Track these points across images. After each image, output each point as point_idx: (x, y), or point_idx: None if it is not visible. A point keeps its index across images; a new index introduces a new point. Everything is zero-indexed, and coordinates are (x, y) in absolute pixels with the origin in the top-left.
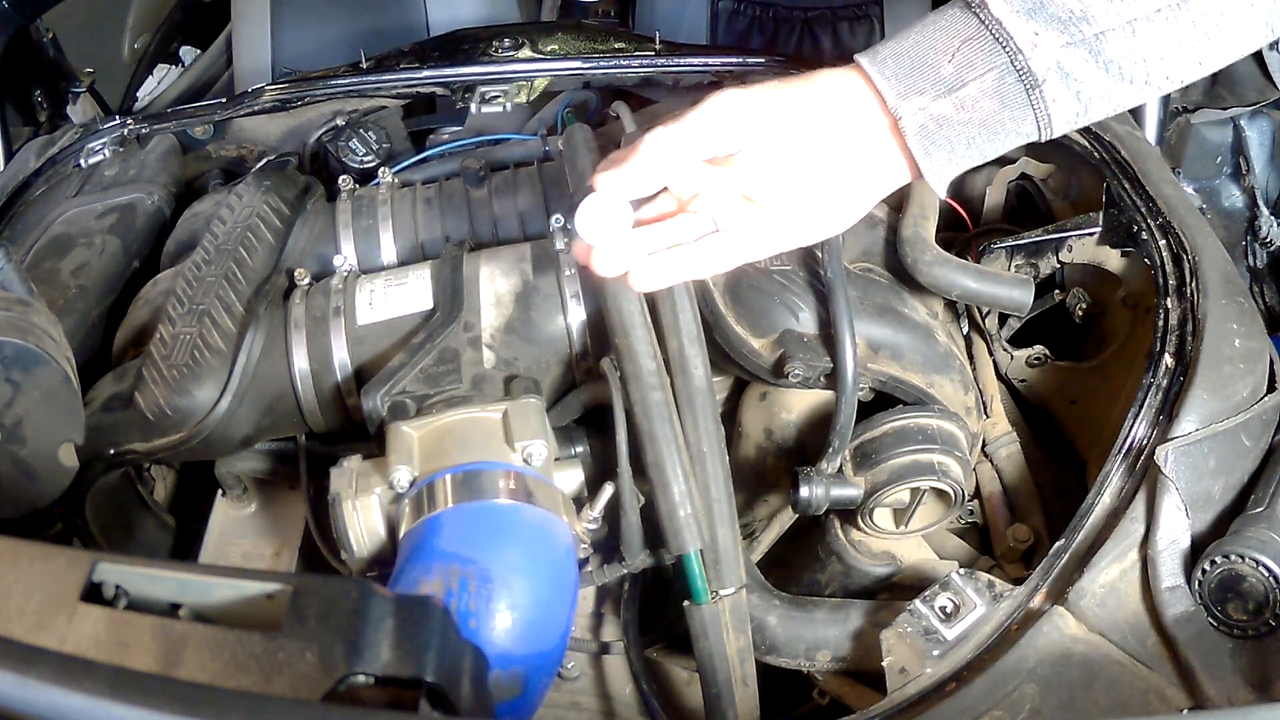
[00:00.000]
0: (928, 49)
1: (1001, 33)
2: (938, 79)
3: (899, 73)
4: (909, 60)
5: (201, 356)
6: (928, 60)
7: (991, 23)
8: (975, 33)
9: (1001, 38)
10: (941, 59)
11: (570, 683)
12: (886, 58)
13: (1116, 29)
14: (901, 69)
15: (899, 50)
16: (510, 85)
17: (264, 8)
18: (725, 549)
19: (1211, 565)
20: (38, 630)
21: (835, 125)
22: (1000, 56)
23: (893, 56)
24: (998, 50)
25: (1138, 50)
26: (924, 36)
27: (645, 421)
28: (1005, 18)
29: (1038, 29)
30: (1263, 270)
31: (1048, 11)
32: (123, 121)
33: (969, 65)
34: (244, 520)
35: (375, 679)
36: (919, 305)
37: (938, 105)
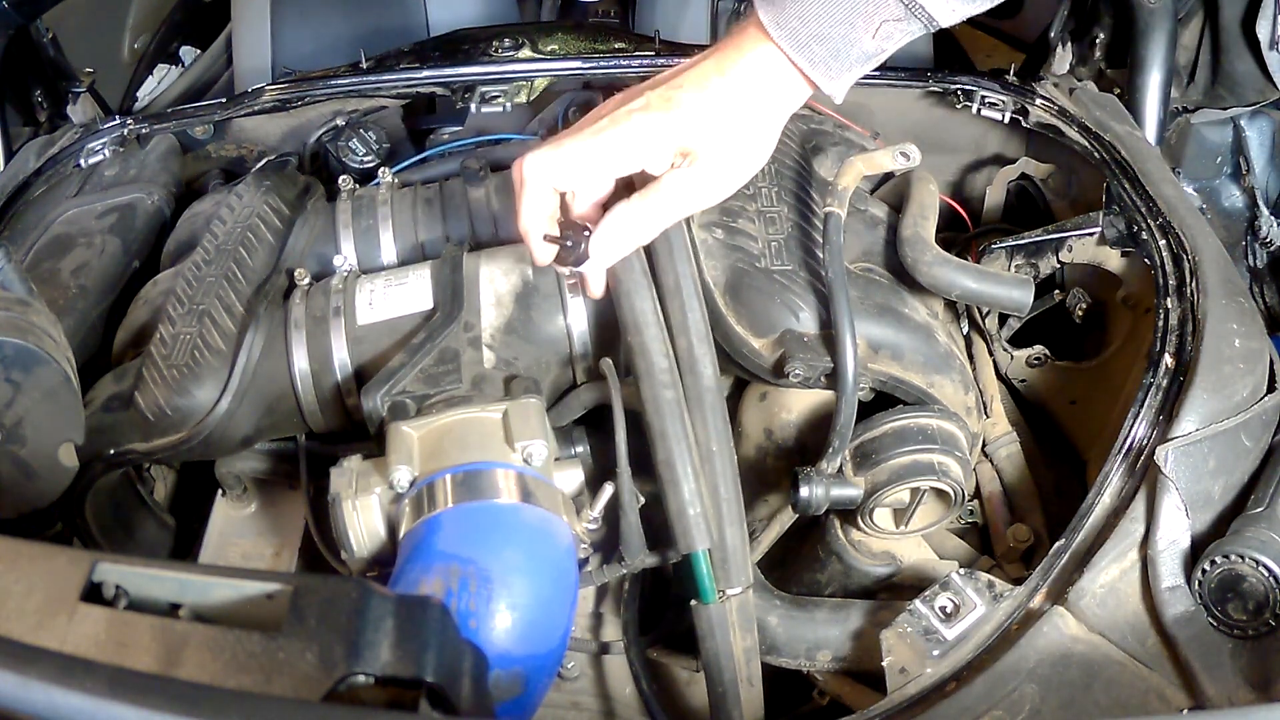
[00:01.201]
0: (849, 28)
1: (924, 14)
2: (861, 53)
3: (826, 57)
4: (834, 43)
5: (201, 356)
6: (851, 39)
7: (915, 7)
8: (898, 15)
9: (922, 15)
10: (863, 36)
11: (570, 683)
12: (810, 42)
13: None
14: (828, 52)
15: (822, 32)
16: (510, 85)
17: (264, 8)
18: (733, 548)
19: (1211, 565)
20: (38, 630)
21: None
22: (915, 24)
23: (817, 40)
24: (914, 21)
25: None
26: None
27: (656, 419)
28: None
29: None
30: (1263, 270)
31: None
32: (123, 121)
33: (888, 37)
34: (244, 520)
35: (375, 679)
36: (919, 305)
37: (861, 70)
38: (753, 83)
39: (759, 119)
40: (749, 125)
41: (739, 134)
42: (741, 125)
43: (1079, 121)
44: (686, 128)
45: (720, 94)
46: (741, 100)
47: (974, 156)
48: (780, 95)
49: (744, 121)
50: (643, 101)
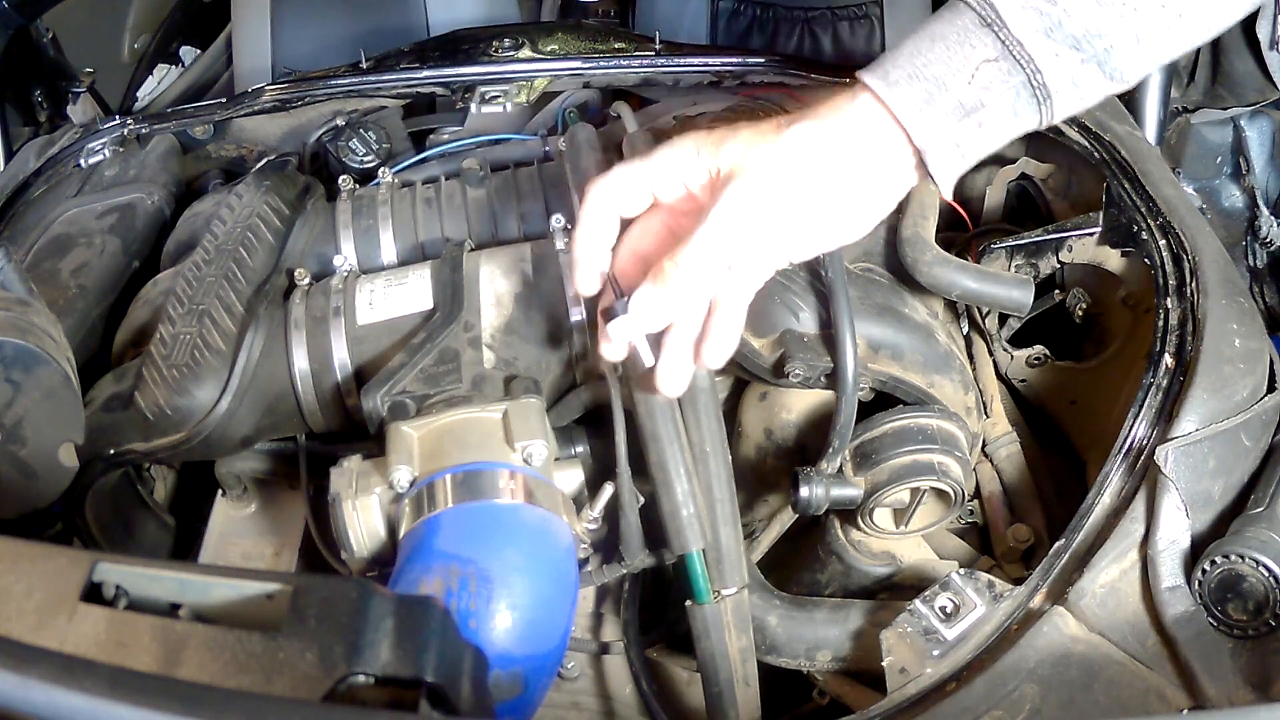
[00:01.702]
0: (944, 69)
1: (1023, 54)
2: (958, 104)
3: (918, 99)
4: (927, 83)
5: (201, 356)
6: (946, 82)
7: (1013, 44)
8: (996, 54)
9: (1023, 59)
10: (959, 80)
11: (570, 683)
12: (900, 80)
13: (1124, 42)
14: (919, 94)
15: (914, 71)
16: (510, 85)
17: (264, 8)
18: (728, 548)
19: (1211, 565)
20: (38, 630)
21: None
22: (1019, 75)
23: (907, 79)
24: (1017, 69)
25: (1140, 58)
26: (938, 53)
27: (648, 421)
28: (1027, 39)
29: (1057, 50)
30: (1263, 270)
31: (1064, 30)
32: (123, 121)
33: (988, 86)
34: (244, 520)
35: (375, 679)
36: (919, 305)
37: (960, 130)
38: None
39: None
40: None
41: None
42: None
43: (1079, 121)
44: (724, 144)
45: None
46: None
47: None
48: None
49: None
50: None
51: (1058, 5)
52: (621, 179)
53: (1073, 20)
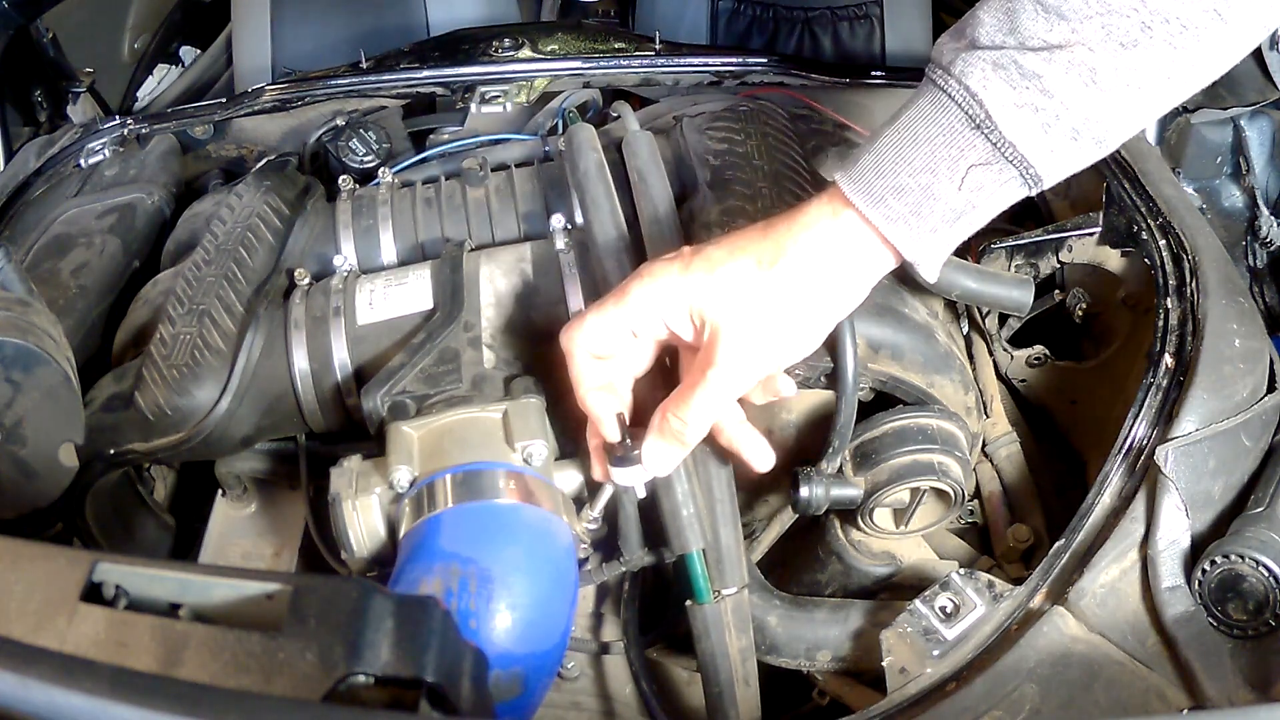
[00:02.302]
0: (930, 178)
1: (1016, 155)
2: (947, 210)
3: (905, 214)
4: (914, 195)
5: (201, 356)
6: (933, 191)
7: (1005, 146)
8: (987, 159)
9: (1016, 160)
10: (948, 188)
11: (570, 683)
12: (886, 196)
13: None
14: (908, 208)
15: (899, 183)
16: (510, 85)
17: (264, 8)
18: (727, 548)
19: (1211, 565)
20: (38, 630)
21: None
22: (1010, 172)
23: (893, 194)
24: (1009, 169)
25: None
26: (922, 159)
27: None
28: (1020, 140)
29: (1053, 145)
30: (1263, 270)
31: (1062, 123)
32: (123, 121)
33: (978, 188)
34: (244, 520)
35: (375, 679)
36: (919, 305)
37: (950, 234)
38: (820, 252)
39: (823, 292)
40: (806, 301)
41: (769, 309)
42: (794, 303)
43: None
44: (703, 289)
45: (759, 254)
46: (803, 274)
47: None
48: (855, 263)
49: (799, 298)
50: (674, 255)
51: (1054, 99)
52: (596, 327)
53: (1072, 112)
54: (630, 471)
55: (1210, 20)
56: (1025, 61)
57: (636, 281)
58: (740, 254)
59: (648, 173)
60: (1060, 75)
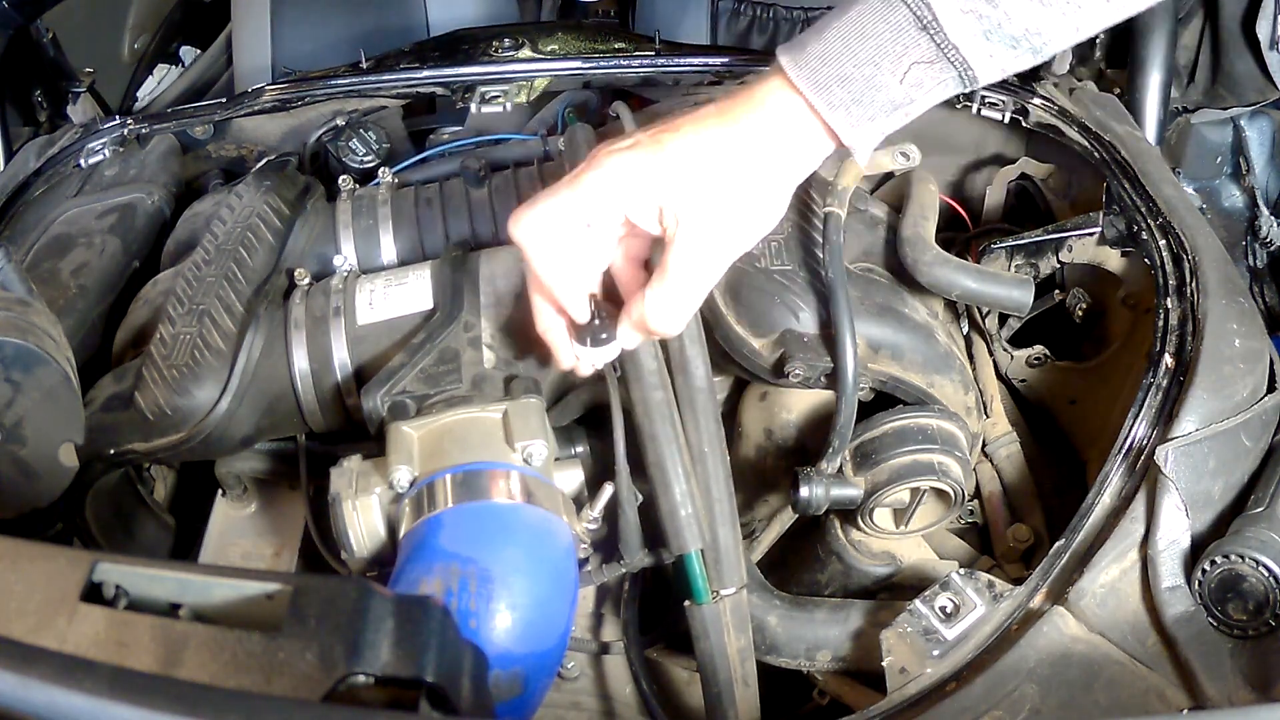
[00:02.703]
0: (874, 70)
1: (957, 57)
2: (887, 101)
3: (848, 100)
4: (857, 85)
5: (201, 356)
6: (876, 82)
7: (949, 48)
8: (930, 57)
9: (957, 61)
10: (890, 80)
11: (570, 683)
12: (831, 83)
13: (1063, 33)
14: (850, 95)
15: (844, 72)
16: (510, 85)
17: (264, 8)
18: (726, 549)
19: (1211, 565)
20: (38, 630)
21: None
22: (950, 72)
23: (839, 81)
24: (949, 68)
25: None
26: (868, 51)
27: (646, 422)
28: (963, 44)
29: (992, 50)
30: (1263, 270)
31: (1003, 31)
32: (123, 121)
33: (918, 84)
34: (244, 520)
35: (375, 679)
36: (919, 305)
37: (887, 122)
38: (759, 130)
39: (763, 172)
40: (749, 184)
41: (734, 193)
42: (739, 183)
43: (1079, 121)
44: (668, 178)
45: (716, 141)
46: (742, 149)
47: (974, 156)
48: (793, 146)
49: (743, 179)
50: (629, 142)
51: (998, 8)
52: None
53: (1013, 22)
54: (603, 350)
55: None
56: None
57: (591, 169)
58: (695, 137)
59: None
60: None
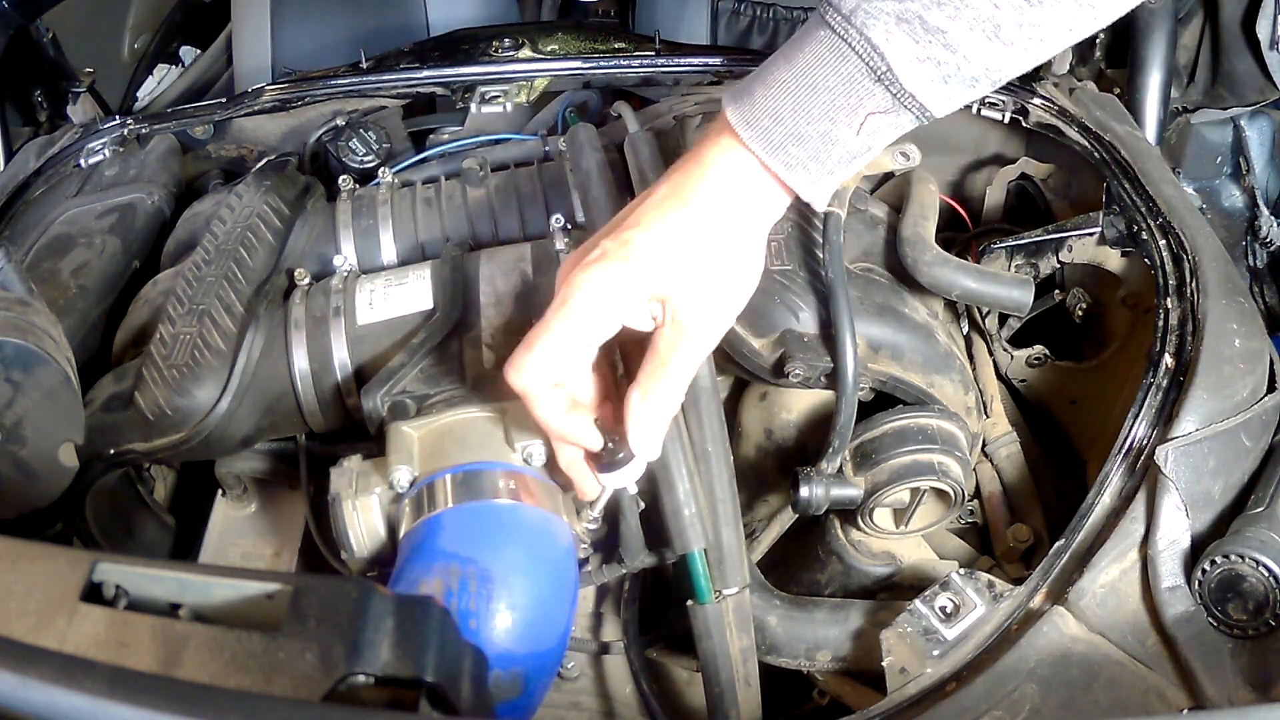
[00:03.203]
0: (829, 125)
1: (915, 104)
2: (845, 153)
3: (805, 159)
4: (813, 143)
5: (201, 356)
6: (831, 136)
7: (906, 97)
8: (886, 107)
9: (914, 108)
10: (846, 133)
11: (570, 683)
12: (786, 143)
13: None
14: (807, 154)
15: (797, 131)
16: (510, 85)
17: (264, 8)
18: (729, 548)
19: (1211, 565)
20: (38, 630)
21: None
22: (907, 116)
23: (793, 141)
24: (906, 114)
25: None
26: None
27: None
28: (920, 91)
29: (952, 94)
30: (1263, 270)
31: (962, 74)
32: (123, 121)
33: (876, 132)
34: (244, 520)
35: (375, 679)
36: (919, 305)
37: (846, 171)
38: (722, 202)
39: (734, 242)
40: (724, 253)
41: (714, 267)
42: (715, 256)
43: (1079, 121)
44: (651, 276)
45: (684, 226)
46: (710, 227)
47: (974, 156)
48: (756, 208)
49: (717, 251)
50: (598, 253)
51: (957, 52)
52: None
53: (972, 64)
54: (626, 470)
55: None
56: (929, 17)
57: (575, 294)
58: (660, 225)
59: (649, 173)
60: (965, 31)
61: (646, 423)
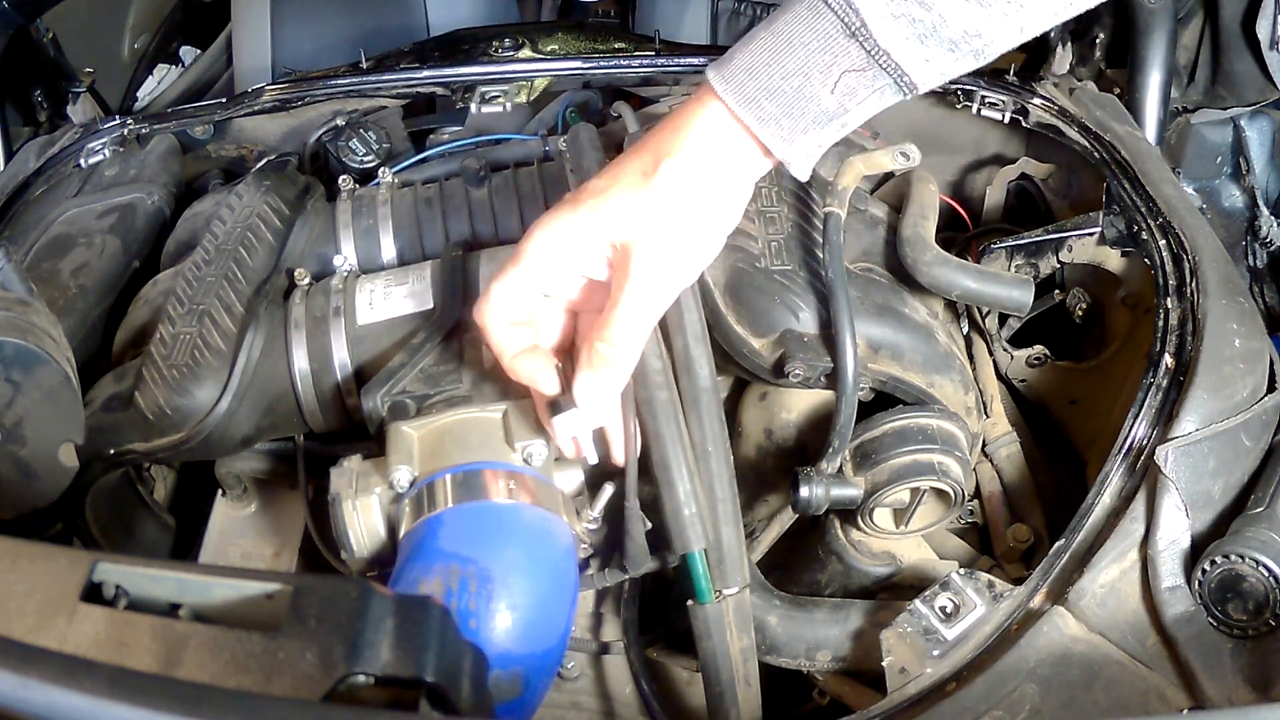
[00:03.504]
0: (803, 80)
1: (890, 63)
2: (819, 112)
3: (778, 114)
4: (786, 97)
5: (201, 356)
6: (806, 93)
7: (880, 54)
8: (862, 65)
9: (890, 67)
10: (821, 90)
11: (570, 683)
12: (759, 97)
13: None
14: (779, 109)
15: (771, 85)
16: (510, 85)
17: (264, 8)
18: (729, 548)
19: (1211, 565)
20: (38, 630)
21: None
22: (884, 79)
23: (766, 95)
24: (883, 75)
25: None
26: (796, 61)
27: (651, 421)
28: (895, 49)
29: (928, 55)
30: (1263, 270)
31: (939, 35)
32: (123, 121)
33: (851, 93)
34: (244, 520)
35: (375, 679)
36: (919, 305)
37: (822, 135)
38: (693, 155)
39: (703, 195)
40: (690, 205)
41: (677, 217)
42: (680, 207)
43: (1079, 121)
44: (608, 222)
45: (651, 176)
46: (678, 177)
47: (974, 156)
48: (728, 163)
49: (683, 202)
50: (570, 198)
51: (932, 10)
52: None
53: (949, 25)
54: (569, 416)
55: None
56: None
57: (530, 240)
58: (624, 174)
59: None
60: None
61: (592, 367)
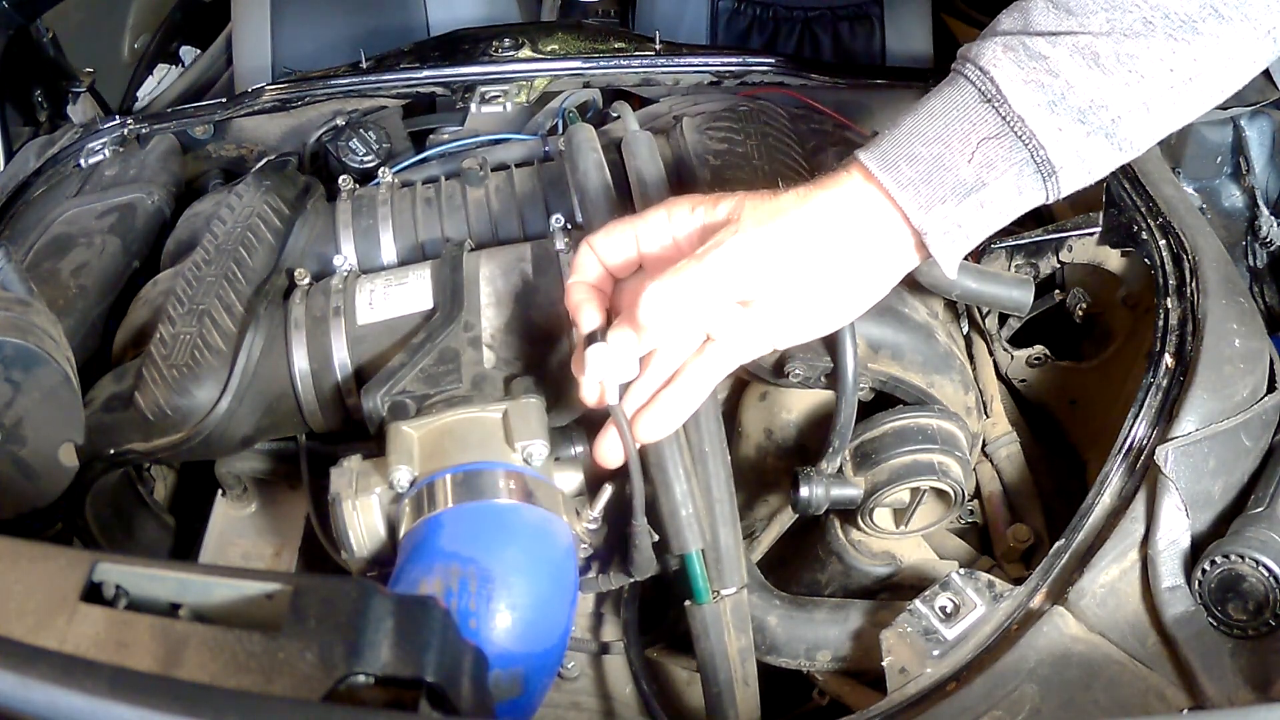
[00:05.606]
0: (942, 148)
1: (1024, 131)
2: (958, 182)
3: (916, 180)
4: (925, 164)
5: (201, 356)
6: (944, 162)
7: (1014, 120)
8: (996, 131)
9: (1024, 135)
10: (959, 159)
11: (570, 683)
12: (899, 161)
13: (1132, 111)
14: (918, 174)
15: (912, 153)
16: (510, 85)
17: (264, 8)
18: (727, 548)
19: (1211, 565)
20: (38, 630)
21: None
22: (1021, 151)
23: (906, 160)
24: (1019, 147)
25: (1149, 126)
26: (935, 130)
27: None
28: (1028, 114)
29: (1060, 124)
30: (1263, 270)
31: (1068, 103)
32: (123, 121)
33: (989, 165)
34: (244, 520)
35: (375, 679)
36: (919, 305)
37: (960, 211)
38: (832, 211)
39: (837, 253)
40: (822, 265)
41: (807, 275)
42: (811, 264)
43: None
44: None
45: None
46: (815, 229)
47: None
48: (866, 231)
49: (815, 260)
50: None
51: (1059, 78)
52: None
53: (1076, 92)
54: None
55: (1208, 15)
56: (1033, 44)
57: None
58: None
59: (647, 173)
60: (1064, 57)
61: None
